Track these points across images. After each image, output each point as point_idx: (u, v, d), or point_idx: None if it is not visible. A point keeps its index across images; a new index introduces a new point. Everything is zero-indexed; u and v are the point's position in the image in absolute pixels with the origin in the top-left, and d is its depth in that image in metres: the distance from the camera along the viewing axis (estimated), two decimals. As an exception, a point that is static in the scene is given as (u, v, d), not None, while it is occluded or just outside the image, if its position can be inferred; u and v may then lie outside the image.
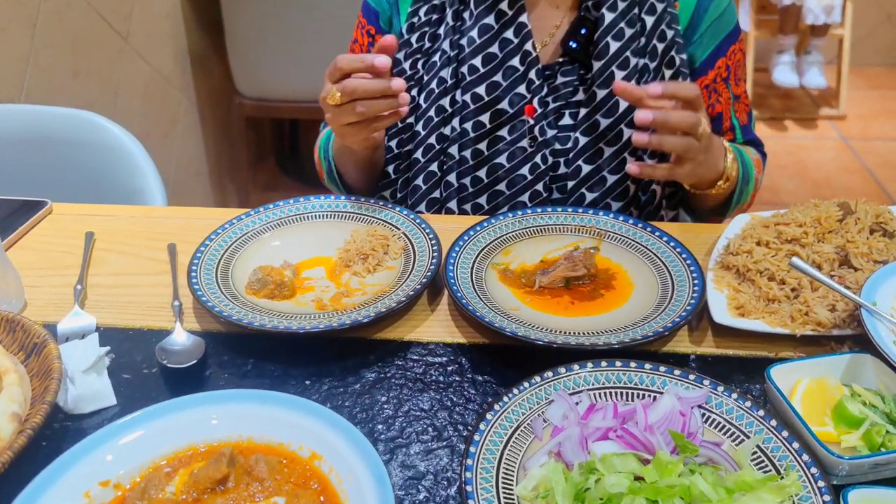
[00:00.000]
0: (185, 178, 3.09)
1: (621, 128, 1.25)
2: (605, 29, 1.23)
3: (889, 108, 4.85)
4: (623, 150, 1.26)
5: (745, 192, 1.31)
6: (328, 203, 1.23)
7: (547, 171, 1.28)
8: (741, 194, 1.29)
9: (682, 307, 0.99)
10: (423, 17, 1.29)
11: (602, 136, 1.25)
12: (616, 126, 1.25)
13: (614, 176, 1.27)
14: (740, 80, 1.36)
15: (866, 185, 3.92)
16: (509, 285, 1.08)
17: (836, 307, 0.97)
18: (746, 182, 1.29)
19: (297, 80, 2.95)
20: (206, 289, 1.04)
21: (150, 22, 2.73)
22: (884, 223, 1.05)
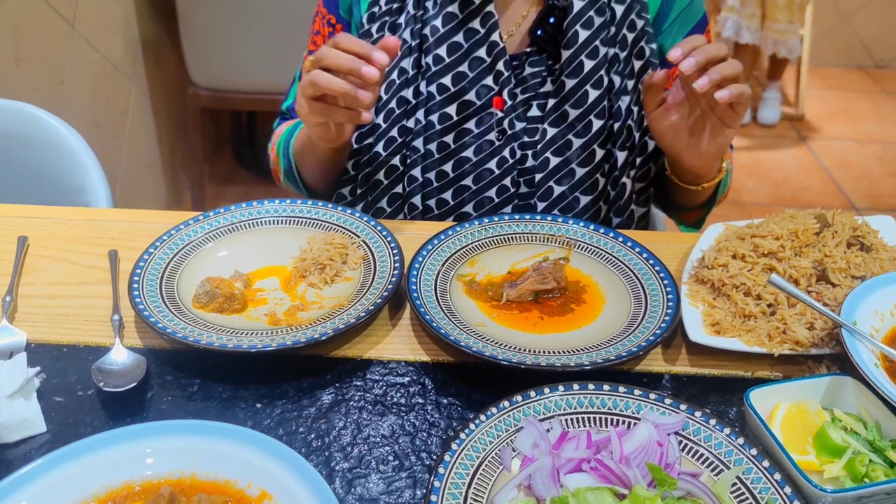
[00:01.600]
0: (136, 170, 2.97)
1: (590, 118, 1.20)
2: (574, 17, 1.18)
3: (846, 108, 4.92)
4: (592, 142, 1.22)
5: (725, 184, 1.29)
6: (283, 207, 1.16)
7: (515, 165, 1.23)
8: (723, 185, 1.28)
9: (657, 324, 0.95)
10: (385, 7, 1.24)
11: (571, 127, 1.21)
12: (585, 117, 1.20)
13: (583, 168, 1.22)
14: None
15: (825, 185, 3.97)
16: (475, 299, 1.03)
17: (815, 325, 0.93)
18: (727, 173, 1.28)
19: (254, 71, 2.86)
20: (149, 302, 0.96)
21: (98, 7, 2.61)
22: (861, 237, 1.02)
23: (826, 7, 4.57)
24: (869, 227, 1.05)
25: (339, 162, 1.29)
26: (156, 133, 3.13)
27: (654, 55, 1.25)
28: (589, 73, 1.19)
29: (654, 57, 1.25)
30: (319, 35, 1.33)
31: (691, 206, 1.30)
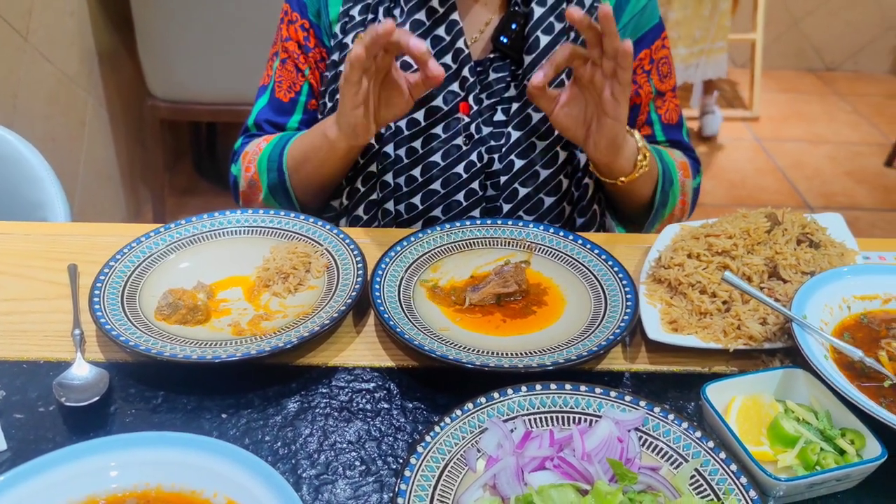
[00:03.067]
0: (94, 183, 2.93)
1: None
2: (535, 23, 1.21)
3: (799, 110, 5.04)
4: (555, 145, 1.24)
5: (672, 195, 1.30)
6: (245, 218, 1.16)
7: (482, 169, 1.24)
8: (666, 195, 1.28)
9: (616, 323, 0.97)
10: (358, 17, 1.25)
11: (534, 131, 1.23)
12: (548, 120, 1.22)
13: (547, 170, 1.25)
14: (666, 78, 1.35)
15: (779, 185, 4.06)
16: (439, 303, 1.04)
17: (767, 320, 0.96)
18: (670, 183, 1.28)
19: (213, 82, 2.83)
20: (111, 315, 0.95)
21: (52, 19, 2.57)
22: (810, 234, 1.06)
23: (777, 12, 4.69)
24: (817, 225, 1.08)
25: (348, 165, 1.27)
26: (114, 145, 3.09)
27: None
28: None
29: None
30: (292, 41, 1.31)
31: (630, 209, 1.31)
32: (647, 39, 1.31)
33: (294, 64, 1.31)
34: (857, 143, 4.59)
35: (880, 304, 0.99)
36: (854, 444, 0.80)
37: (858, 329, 0.95)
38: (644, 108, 1.34)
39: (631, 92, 1.30)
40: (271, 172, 1.27)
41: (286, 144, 1.27)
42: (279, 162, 1.27)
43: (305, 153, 1.23)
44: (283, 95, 1.33)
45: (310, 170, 1.25)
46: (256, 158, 1.30)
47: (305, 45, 1.30)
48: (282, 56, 1.33)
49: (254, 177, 1.30)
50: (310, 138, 1.23)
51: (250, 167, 1.31)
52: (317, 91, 1.32)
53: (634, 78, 1.31)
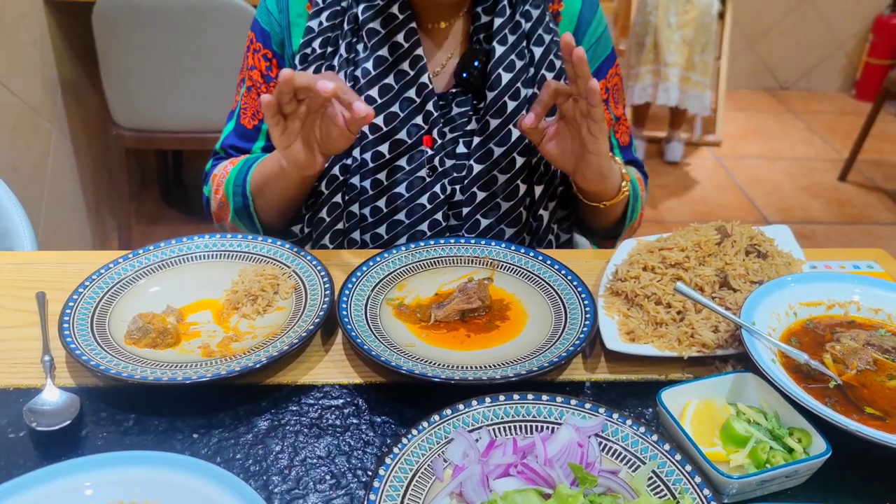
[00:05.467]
0: (58, 214, 2.92)
1: (514, 156, 1.27)
2: (497, 61, 1.25)
3: (755, 128, 5.19)
4: (516, 178, 1.28)
5: (636, 210, 1.36)
6: (213, 242, 1.18)
7: (445, 200, 1.28)
8: (633, 211, 1.35)
9: (576, 335, 1.00)
10: (318, 50, 1.27)
11: (496, 164, 1.26)
12: (509, 154, 1.26)
13: (508, 202, 1.28)
14: (619, 103, 1.41)
15: (739, 201, 4.17)
16: (405, 321, 1.07)
17: (719, 328, 1.01)
18: (636, 199, 1.35)
19: (178, 110, 2.85)
20: (80, 340, 0.97)
21: (14, 49, 2.57)
22: (757, 245, 1.11)
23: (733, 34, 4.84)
24: (764, 236, 1.14)
25: (305, 193, 1.30)
26: (79, 175, 3.08)
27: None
28: (512, 113, 1.25)
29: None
30: (256, 70, 1.34)
31: (604, 227, 1.36)
32: (604, 70, 1.37)
33: (257, 92, 1.34)
34: (811, 158, 4.74)
35: (825, 309, 1.04)
36: (801, 442, 0.84)
37: (804, 334, 1.00)
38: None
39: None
40: (237, 196, 1.30)
41: (249, 169, 1.30)
42: (243, 187, 1.29)
43: (265, 179, 1.26)
44: (247, 122, 1.36)
45: (270, 195, 1.28)
46: (224, 181, 1.33)
47: (267, 74, 1.33)
48: (247, 83, 1.36)
49: (222, 199, 1.33)
50: (269, 166, 1.26)
51: (219, 189, 1.34)
52: None
53: None
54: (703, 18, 4.09)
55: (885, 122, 5.25)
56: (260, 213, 1.31)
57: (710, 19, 4.10)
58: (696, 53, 4.15)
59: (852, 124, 5.11)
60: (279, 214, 1.32)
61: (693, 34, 4.10)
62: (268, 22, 1.32)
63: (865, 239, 3.83)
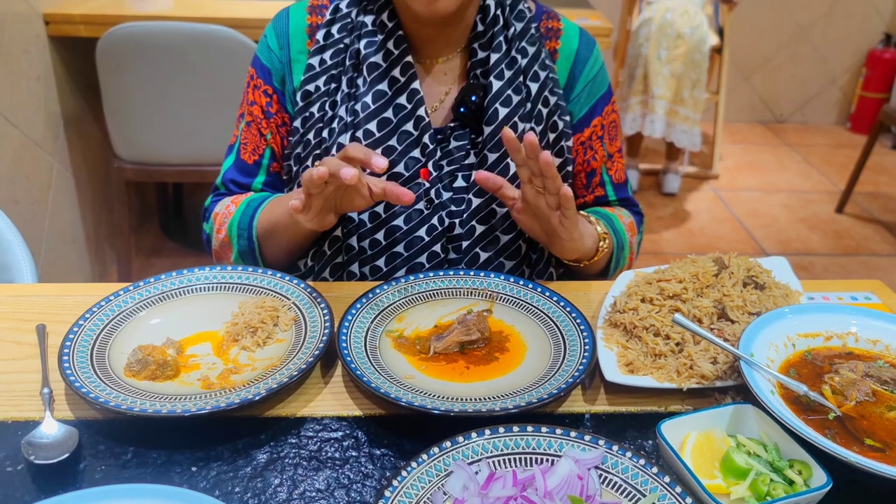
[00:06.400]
0: (58, 246, 2.92)
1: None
2: (494, 96, 1.26)
3: (752, 160, 5.23)
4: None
5: (622, 258, 1.37)
6: (213, 274, 1.18)
7: (444, 233, 1.29)
8: (618, 261, 1.36)
9: (575, 367, 1.01)
10: (323, 87, 1.29)
11: (494, 198, 1.28)
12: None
13: (507, 235, 1.29)
14: (614, 140, 1.43)
15: (737, 233, 4.19)
16: (404, 353, 1.07)
17: (718, 359, 1.01)
18: (621, 249, 1.36)
19: (179, 144, 2.87)
20: (80, 373, 0.97)
21: (18, 85, 2.60)
22: (755, 276, 1.11)
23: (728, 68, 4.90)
24: (762, 268, 1.14)
25: (313, 238, 1.31)
26: (79, 208, 3.10)
27: (567, 126, 1.34)
28: None
29: (567, 128, 1.34)
30: (256, 105, 1.36)
31: (587, 276, 1.37)
32: (600, 107, 1.39)
33: (257, 127, 1.35)
34: (808, 191, 4.77)
35: (822, 341, 1.04)
36: (802, 474, 0.84)
37: (803, 365, 1.00)
38: (598, 171, 1.41)
39: (588, 157, 1.38)
40: (241, 239, 1.30)
41: (255, 213, 1.30)
42: (249, 230, 1.29)
43: (274, 225, 1.27)
44: (247, 157, 1.37)
45: (278, 241, 1.29)
46: (227, 222, 1.33)
47: (268, 110, 1.34)
48: (247, 119, 1.37)
49: (224, 239, 1.33)
50: (278, 213, 1.26)
51: (221, 229, 1.34)
52: (278, 154, 1.37)
53: (591, 144, 1.39)
54: (693, 55, 4.14)
55: (881, 155, 5.30)
56: (266, 256, 1.32)
57: (700, 56, 4.15)
58: (685, 88, 4.20)
59: (848, 157, 5.15)
60: (287, 257, 1.33)
61: (682, 69, 4.15)
62: (268, 59, 1.34)
63: (864, 270, 3.84)
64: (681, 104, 4.22)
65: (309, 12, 1.35)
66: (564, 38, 1.36)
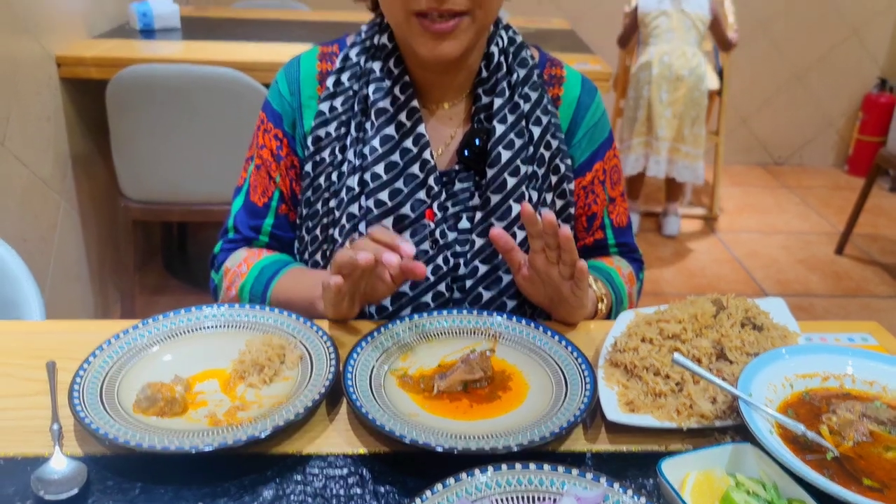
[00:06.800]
0: (63, 284, 2.95)
1: (514, 230, 1.31)
2: (497, 139, 1.30)
3: (751, 202, 5.28)
4: None
5: (622, 310, 1.39)
6: (221, 313, 1.21)
7: (449, 273, 1.31)
8: (617, 314, 1.38)
9: (576, 406, 1.02)
10: (333, 133, 1.33)
11: None
12: (509, 228, 1.31)
13: (509, 276, 1.32)
14: (616, 184, 1.46)
15: (737, 274, 4.21)
16: (409, 391, 1.09)
17: (717, 399, 1.02)
18: (620, 303, 1.39)
19: (185, 183, 2.92)
20: (90, 409, 0.98)
21: (29, 125, 2.66)
22: (753, 317, 1.13)
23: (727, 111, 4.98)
24: (759, 309, 1.16)
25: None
26: (84, 246, 3.13)
27: (569, 170, 1.38)
28: (511, 190, 1.30)
29: (569, 171, 1.38)
30: (266, 149, 1.39)
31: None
32: (601, 152, 1.43)
33: (267, 171, 1.39)
34: (807, 232, 4.80)
35: (820, 381, 1.06)
36: (801, 513, 0.85)
37: (801, 405, 1.02)
38: (599, 215, 1.45)
39: (589, 200, 1.41)
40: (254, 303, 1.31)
41: (270, 283, 1.32)
42: (259, 296, 1.32)
43: (289, 304, 1.27)
44: (257, 199, 1.40)
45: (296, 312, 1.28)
46: (239, 283, 1.35)
47: (278, 153, 1.38)
48: (256, 162, 1.41)
49: (234, 299, 1.36)
50: (295, 296, 1.29)
51: (231, 288, 1.36)
52: (287, 197, 1.40)
53: (592, 188, 1.42)
54: (692, 94, 4.22)
55: (879, 197, 5.35)
56: None
57: (699, 94, 4.23)
58: (685, 127, 4.28)
59: (846, 199, 5.20)
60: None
61: (683, 109, 4.23)
62: (280, 104, 1.38)
63: (864, 312, 3.85)
64: (682, 142, 4.30)
65: (319, 59, 1.39)
66: (567, 85, 1.40)
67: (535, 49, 1.42)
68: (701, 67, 4.20)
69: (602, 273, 1.39)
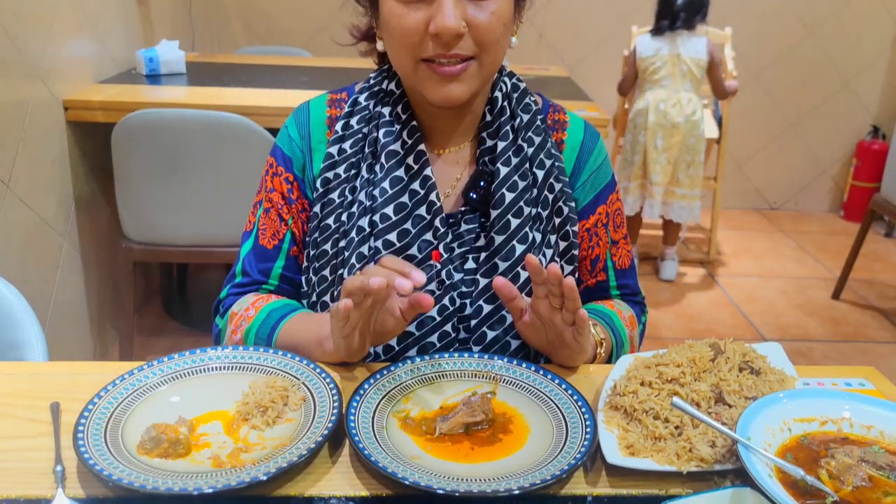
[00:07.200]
0: (62, 325, 2.95)
1: (518, 270, 1.33)
2: (501, 182, 1.33)
3: (748, 247, 5.32)
4: (520, 291, 1.33)
5: (622, 354, 1.41)
6: (225, 355, 1.22)
7: (454, 313, 1.33)
8: (617, 357, 1.40)
9: (577, 449, 1.03)
10: (343, 175, 1.36)
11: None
12: (513, 269, 1.33)
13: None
14: (619, 227, 1.49)
15: (735, 318, 4.22)
16: (411, 433, 1.09)
17: (717, 443, 1.03)
18: (621, 346, 1.40)
19: (188, 226, 2.94)
20: (94, 450, 0.99)
21: (35, 167, 2.69)
22: (750, 362, 1.15)
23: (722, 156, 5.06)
24: (756, 354, 1.18)
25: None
26: (84, 288, 3.14)
27: (573, 212, 1.41)
28: (515, 231, 1.33)
29: (573, 213, 1.41)
30: (276, 192, 1.41)
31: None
32: (604, 195, 1.46)
33: (277, 213, 1.41)
34: (804, 277, 4.83)
35: (818, 426, 1.07)
36: (801, 558, 0.85)
37: (800, 449, 1.03)
38: (602, 257, 1.47)
39: (592, 243, 1.44)
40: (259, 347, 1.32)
41: (277, 326, 1.33)
42: (265, 342, 1.33)
43: (295, 349, 1.27)
44: (266, 242, 1.43)
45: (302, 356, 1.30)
46: (245, 326, 1.36)
47: (289, 196, 1.41)
48: (265, 205, 1.43)
49: (239, 343, 1.37)
50: (303, 339, 1.29)
51: (237, 332, 1.37)
52: (298, 239, 1.43)
53: (595, 231, 1.45)
54: (687, 140, 4.29)
55: (874, 242, 5.39)
56: None
57: (695, 140, 4.30)
58: (680, 171, 4.35)
59: (842, 244, 5.24)
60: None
61: (678, 154, 4.30)
62: (290, 148, 1.41)
63: (862, 357, 3.86)
64: (676, 185, 4.36)
65: (329, 105, 1.43)
66: (570, 130, 1.44)
67: (538, 96, 1.46)
68: (697, 114, 4.27)
69: (602, 316, 1.41)
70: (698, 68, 4.25)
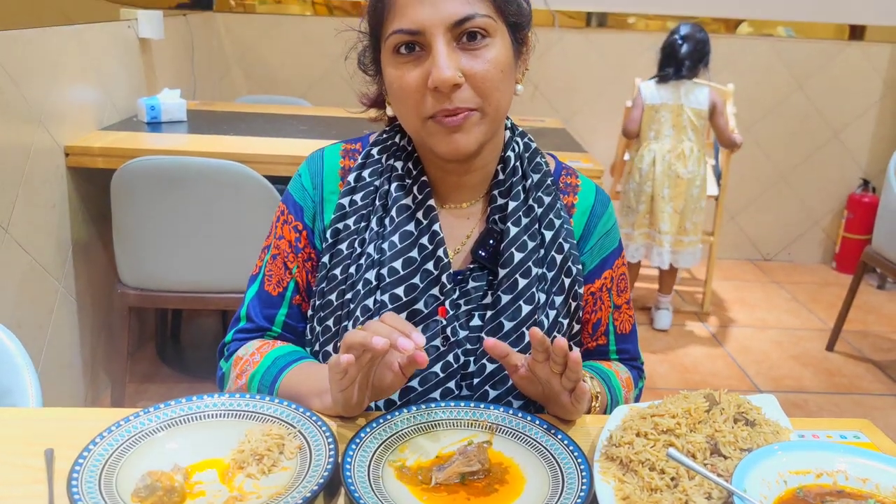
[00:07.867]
0: (54, 370, 2.94)
1: (522, 330, 1.34)
2: (510, 241, 1.35)
3: (741, 297, 5.34)
4: (524, 352, 1.32)
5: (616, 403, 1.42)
6: (222, 402, 1.22)
7: (458, 370, 1.33)
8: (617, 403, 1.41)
9: (573, 500, 1.03)
10: (353, 226, 1.38)
11: (506, 337, 1.33)
12: (518, 329, 1.34)
13: None
14: (623, 292, 1.50)
15: (730, 369, 4.22)
16: (406, 483, 1.09)
17: (713, 495, 1.03)
18: (615, 404, 1.41)
19: (184, 272, 2.95)
20: (88, 498, 0.98)
21: (34, 212, 2.71)
22: (745, 413, 1.15)
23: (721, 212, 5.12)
24: (751, 405, 1.18)
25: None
26: (79, 332, 3.13)
27: (580, 273, 1.42)
28: (522, 290, 1.34)
29: (580, 275, 1.42)
30: (284, 240, 1.43)
31: None
32: (611, 260, 1.48)
33: (283, 261, 1.43)
34: (798, 328, 4.84)
35: (813, 478, 1.07)
36: None
37: (795, 502, 1.03)
38: (604, 321, 1.48)
39: (596, 307, 1.46)
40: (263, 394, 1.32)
41: (280, 374, 1.33)
42: (268, 390, 1.33)
43: (297, 400, 1.27)
44: (271, 289, 1.44)
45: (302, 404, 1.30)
46: (250, 372, 1.36)
47: (296, 245, 1.42)
48: (273, 252, 1.44)
49: (243, 388, 1.37)
50: (304, 391, 1.29)
51: (242, 377, 1.37)
52: (302, 288, 1.44)
53: (600, 296, 1.47)
54: (690, 190, 4.36)
55: (867, 294, 5.42)
56: None
57: (697, 189, 4.38)
58: (686, 220, 4.40)
59: (835, 295, 5.27)
60: None
61: (684, 204, 4.37)
62: (302, 197, 1.43)
63: (857, 409, 3.85)
64: (684, 234, 4.42)
65: (342, 155, 1.45)
66: (582, 194, 1.47)
67: (550, 157, 1.48)
68: (700, 166, 4.35)
69: (599, 373, 1.41)
70: (699, 119, 4.32)
